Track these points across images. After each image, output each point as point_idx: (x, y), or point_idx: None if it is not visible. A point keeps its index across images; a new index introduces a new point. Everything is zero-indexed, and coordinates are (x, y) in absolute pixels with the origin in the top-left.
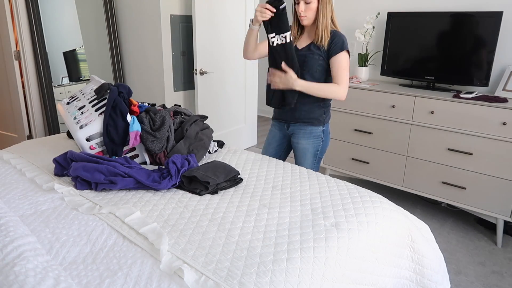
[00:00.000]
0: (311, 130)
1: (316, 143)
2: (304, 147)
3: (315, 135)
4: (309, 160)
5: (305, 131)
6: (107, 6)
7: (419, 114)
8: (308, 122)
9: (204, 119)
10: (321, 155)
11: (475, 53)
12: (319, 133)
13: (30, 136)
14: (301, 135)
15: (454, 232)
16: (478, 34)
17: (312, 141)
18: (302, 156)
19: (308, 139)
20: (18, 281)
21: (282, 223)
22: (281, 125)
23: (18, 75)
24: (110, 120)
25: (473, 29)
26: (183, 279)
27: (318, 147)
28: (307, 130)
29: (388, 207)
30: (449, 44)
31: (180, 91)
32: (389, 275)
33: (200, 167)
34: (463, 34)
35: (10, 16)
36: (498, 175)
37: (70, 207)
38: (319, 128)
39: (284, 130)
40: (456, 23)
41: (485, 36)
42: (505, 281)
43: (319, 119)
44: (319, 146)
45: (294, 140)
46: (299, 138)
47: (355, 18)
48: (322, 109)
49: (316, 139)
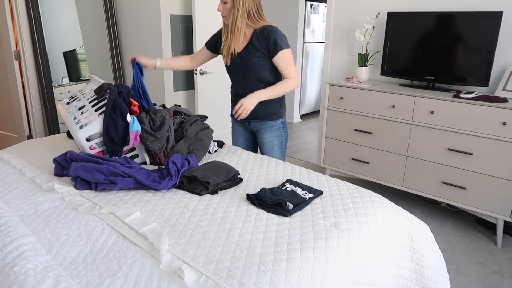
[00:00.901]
0: (271, 124)
1: (279, 135)
2: (269, 140)
3: (276, 127)
4: (277, 152)
5: (266, 126)
6: (107, 6)
7: (419, 114)
8: (267, 118)
9: (204, 119)
10: (285, 145)
11: (475, 53)
12: (279, 125)
13: (30, 136)
14: (263, 130)
15: (454, 232)
16: (478, 34)
17: (275, 133)
18: (269, 149)
19: (271, 133)
20: (18, 281)
21: (282, 223)
22: (241, 122)
23: (18, 75)
24: (110, 120)
25: (473, 29)
26: (183, 279)
27: (282, 138)
28: (268, 124)
29: (388, 207)
30: (449, 44)
31: (180, 91)
32: (389, 275)
33: (200, 167)
34: (463, 34)
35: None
36: (498, 175)
37: (70, 207)
38: (278, 121)
39: (246, 126)
40: (456, 23)
41: (485, 36)
42: (505, 281)
43: (277, 113)
44: (283, 137)
45: (259, 135)
46: (263, 133)
47: (355, 18)
48: (277, 103)
49: (278, 131)
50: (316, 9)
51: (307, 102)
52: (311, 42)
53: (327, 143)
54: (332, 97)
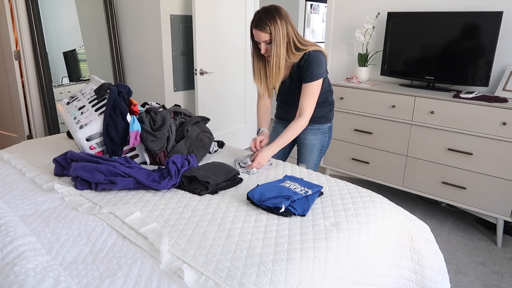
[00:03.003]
0: (318, 127)
1: (323, 139)
2: (311, 142)
3: (322, 131)
4: (315, 155)
5: (313, 129)
6: (107, 6)
7: (419, 114)
8: (315, 121)
9: (206, 121)
10: (325, 151)
11: (475, 53)
12: (326, 129)
13: (30, 136)
14: (308, 131)
15: (454, 232)
16: (478, 34)
17: (320, 137)
18: (308, 151)
19: (315, 135)
20: (18, 281)
21: (282, 223)
22: (286, 123)
23: (18, 75)
24: (110, 120)
25: (473, 29)
26: (183, 279)
27: (324, 142)
28: (314, 127)
29: (388, 207)
30: (449, 44)
31: (180, 91)
32: (389, 275)
33: (200, 167)
34: (463, 34)
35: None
36: (498, 175)
37: (70, 207)
38: (326, 125)
39: None
40: (456, 23)
41: (485, 36)
42: (505, 281)
43: (326, 117)
44: (325, 142)
45: (301, 136)
46: (306, 134)
47: (355, 18)
48: (328, 107)
49: (323, 135)
50: (316, 9)
51: None
52: None
53: None
54: None
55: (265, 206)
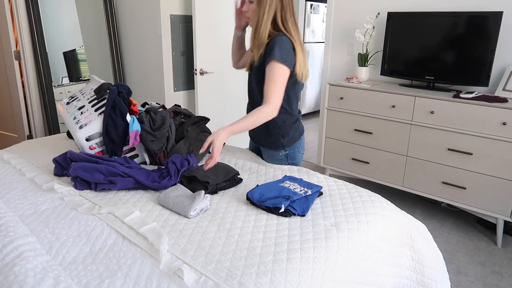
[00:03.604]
0: (272, 154)
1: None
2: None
3: (278, 158)
4: None
5: (268, 153)
6: (107, 6)
7: (419, 114)
8: (266, 146)
9: (206, 122)
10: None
11: (475, 53)
12: (281, 157)
13: (30, 136)
14: (265, 155)
15: (454, 232)
16: (478, 34)
17: (277, 163)
18: None
19: (273, 161)
20: (17, 281)
21: (282, 223)
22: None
23: (18, 75)
24: (110, 120)
25: (473, 29)
26: (183, 279)
27: None
28: (269, 153)
29: (387, 206)
30: (449, 44)
31: (180, 91)
32: (389, 275)
33: (199, 167)
34: (463, 34)
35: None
36: (498, 175)
37: (70, 207)
38: (280, 152)
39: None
40: (456, 23)
41: (485, 36)
42: (505, 281)
43: (277, 143)
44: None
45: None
46: (267, 158)
47: (355, 18)
48: (280, 133)
49: (281, 162)
50: (316, 9)
51: (307, 102)
52: (311, 42)
53: (327, 143)
54: (332, 97)
55: (264, 206)
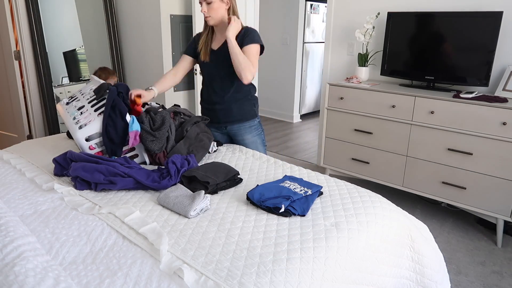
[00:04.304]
0: (249, 124)
1: (259, 134)
2: (252, 141)
3: (254, 127)
4: (262, 151)
5: (245, 127)
6: (107, 6)
7: (419, 114)
8: (243, 119)
9: (205, 121)
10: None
11: (475, 53)
12: (257, 124)
13: (30, 136)
14: (243, 132)
15: (454, 232)
16: (478, 34)
17: (256, 133)
18: (254, 150)
19: (251, 133)
20: (18, 281)
21: (282, 223)
22: (217, 127)
23: (18, 75)
24: (109, 120)
25: (473, 29)
26: (183, 279)
27: (262, 136)
28: (246, 125)
29: (388, 206)
30: (449, 44)
31: (180, 91)
32: (389, 275)
33: (199, 167)
34: (463, 34)
35: (10, 16)
36: (498, 175)
37: (70, 207)
38: (255, 120)
39: (222, 130)
40: (456, 23)
41: (485, 36)
42: (505, 281)
43: (251, 112)
44: (262, 135)
45: (239, 138)
46: (243, 135)
47: (355, 18)
48: (251, 102)
49: (257, 130)
50: (316, 9)
51: (307, 102)
52: (311, 42)
53: (327, 143)
54: (332, 97)
55: (264, 206)
